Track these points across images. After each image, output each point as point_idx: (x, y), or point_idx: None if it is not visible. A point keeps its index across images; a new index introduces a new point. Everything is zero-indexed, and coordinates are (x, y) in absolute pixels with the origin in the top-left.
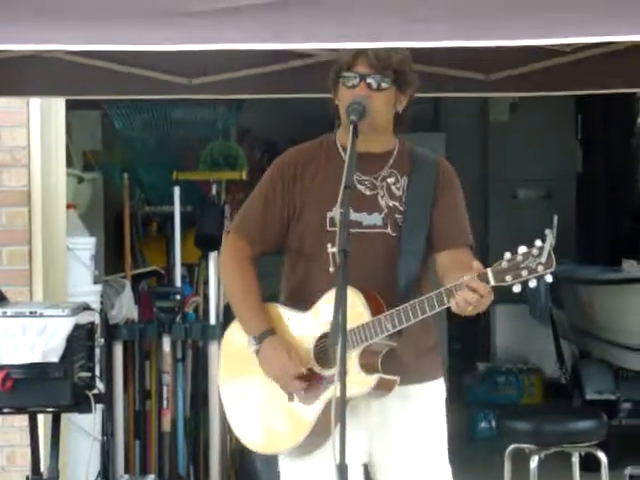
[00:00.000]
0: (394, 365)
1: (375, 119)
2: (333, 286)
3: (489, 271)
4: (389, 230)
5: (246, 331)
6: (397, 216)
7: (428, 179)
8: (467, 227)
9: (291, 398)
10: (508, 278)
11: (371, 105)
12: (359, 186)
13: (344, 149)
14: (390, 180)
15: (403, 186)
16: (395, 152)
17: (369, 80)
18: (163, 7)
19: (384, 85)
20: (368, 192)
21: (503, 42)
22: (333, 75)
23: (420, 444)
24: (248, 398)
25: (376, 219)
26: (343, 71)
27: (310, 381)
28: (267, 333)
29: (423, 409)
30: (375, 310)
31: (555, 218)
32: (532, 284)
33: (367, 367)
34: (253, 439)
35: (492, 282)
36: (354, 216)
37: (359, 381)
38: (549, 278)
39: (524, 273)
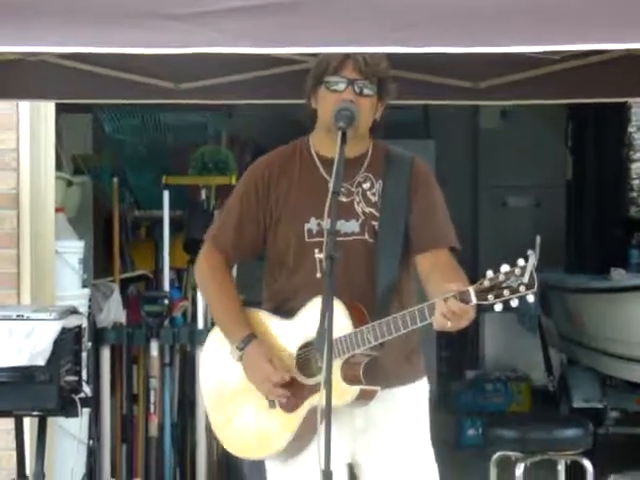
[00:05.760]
0: (375, 372)
1: (360, 124)
2: (316, 295)
3: (471, 290)
4: (367, 237)
5: (228, 339)
6: (374, 222)
7: (402, 181)
8: (446, 228)
9: (272, 405)
10: (490, 297)
11: (358, 110)
12: None
13: (318, 156)
14: (365, 186)
15: (378, 191)
16: (369, 155)
17: (356, 85)
18: (143, 10)
19: (369, 92)
20: (344, 199)
21: (490, 49)
22: (313, 78)
23: (404, 443)
24: (231, 404)
25: (354, 226)
26: (328, 75)
27: (292, 389)
28: (248, 338)
29: (406, 410)
30: (358, 321)
31: (538, 238)
32: (514, 304)
33: (349, 378)
34: (234, 444)
35: (474, 301)
36: None
37: (341, 392)
38: (531, 298)
39: (506, 293)
